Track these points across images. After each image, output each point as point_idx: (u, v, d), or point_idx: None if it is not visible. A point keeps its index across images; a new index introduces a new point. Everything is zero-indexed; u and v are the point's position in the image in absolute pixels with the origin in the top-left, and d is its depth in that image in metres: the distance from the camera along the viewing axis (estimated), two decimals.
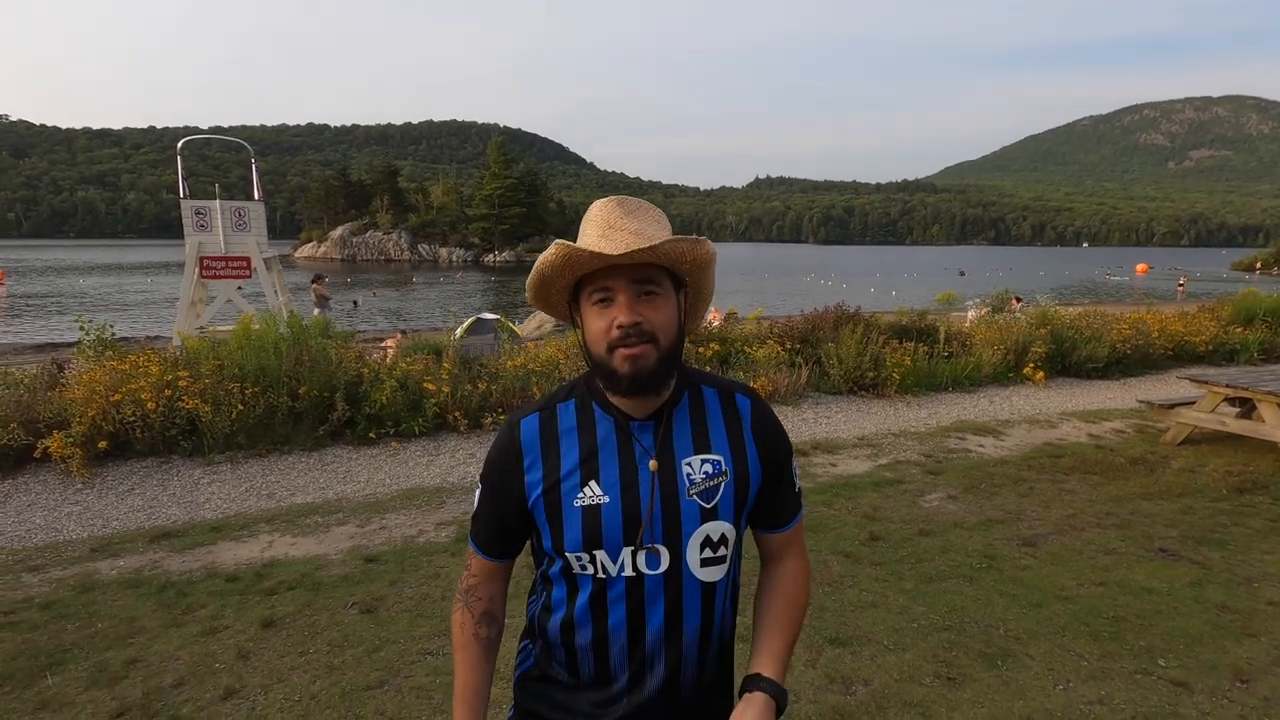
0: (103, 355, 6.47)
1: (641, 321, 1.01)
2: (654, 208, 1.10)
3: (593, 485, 1.06)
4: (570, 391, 1.14)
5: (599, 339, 1.04)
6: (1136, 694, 2.68)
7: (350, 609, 3.33)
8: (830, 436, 6.58)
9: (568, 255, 1.01)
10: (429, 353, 7.55)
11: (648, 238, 1.02)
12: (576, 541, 1.05)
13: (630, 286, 1.02)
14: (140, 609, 3.33)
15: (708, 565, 1.08)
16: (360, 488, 5.16)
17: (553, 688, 1.15)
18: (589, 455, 1.07)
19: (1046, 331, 9.53)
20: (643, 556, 1.05)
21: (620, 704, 1.09)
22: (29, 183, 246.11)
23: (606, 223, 1.05)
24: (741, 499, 1.11)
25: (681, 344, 1.09)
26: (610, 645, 1.08)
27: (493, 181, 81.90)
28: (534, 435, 1.10)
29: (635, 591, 1.06)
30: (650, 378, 1.03)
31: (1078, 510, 4.63)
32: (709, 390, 1.15)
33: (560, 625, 1.11)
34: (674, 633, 1.07)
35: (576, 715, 1.12)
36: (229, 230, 10.91)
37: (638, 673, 1.08)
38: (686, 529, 1.06)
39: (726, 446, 1.11)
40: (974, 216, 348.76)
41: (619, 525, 1.04)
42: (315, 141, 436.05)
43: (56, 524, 4.44)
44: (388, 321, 23.17)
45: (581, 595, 1.08)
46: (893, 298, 28.57)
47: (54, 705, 2.62)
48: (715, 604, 1.10)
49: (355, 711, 2.59)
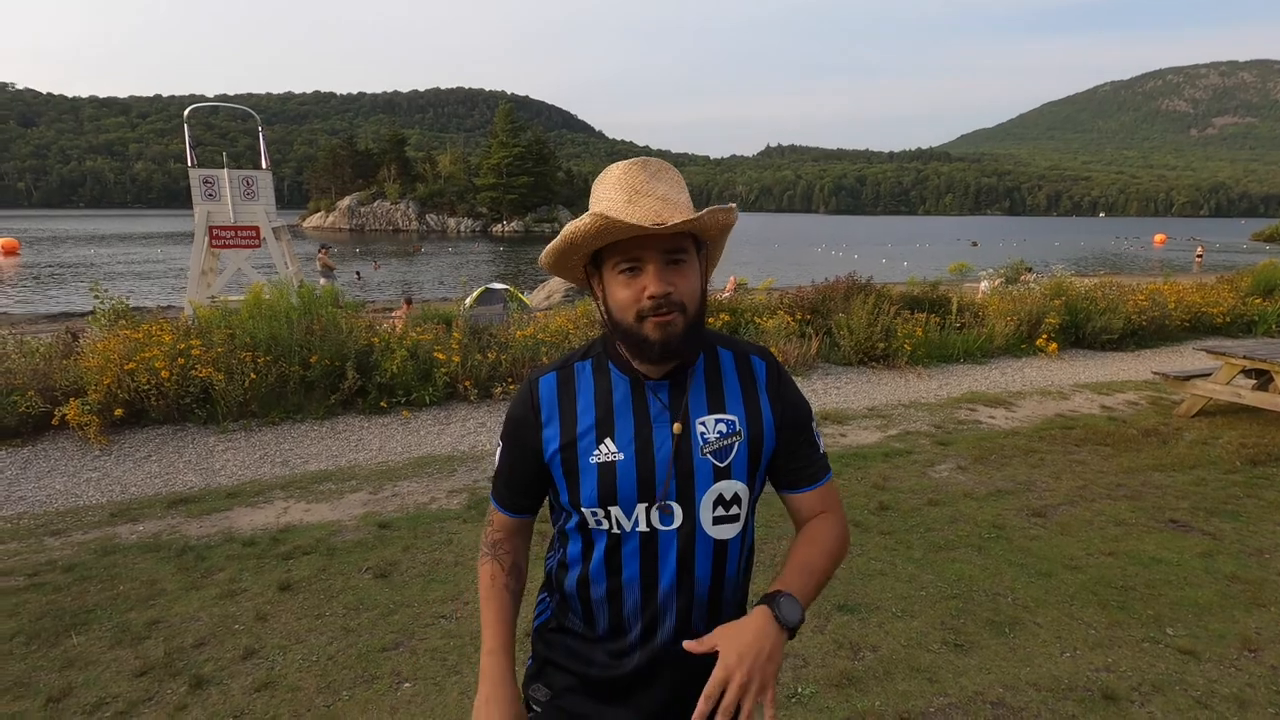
0: (116, 324, 6.52)
1: (672, 291, 1.01)
2: (672, 168, 1.09)
3: (608, 443, 1.08)
4: (588, 351, 1.16)
5: (627, 307, 1.03)
6: (1144, 662, 2.70)
7: (365, 573, 3.38)
8: (840, 407, 6.57)
9: (604, 226, 0.98)
10: (438, 322, 7.55)
11: (675, 203, 1.02)
12: (592, 497, 1.07)
13: (661, 256, 1.01)
14: (160, 572, 3.40)
15: (720, 523, 1.09)
16: (372, 456, 5.21)
17: (569, 638, 1.18)
18: (605, 413, 1.09)
19: (1061, 303, 9.42)
20: (656, 513, 1.07)
21: (634, 655, 1.12)
22: (38, 152, 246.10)
23: (633, 188, 1.03)
24: (755, 459, 1.11)
25: (705, 308, 1.09)
26: (624, 598, 1.11)
27: (500, 150, 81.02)
28: (552, 393, 1.12)
29: (649, 546, 1.08)
30: (680, 343, 1.03)
31: (1088, 481, 4.62)
32: (725, 352, 1.16)
33: (576, 579, 1.14)
34: (685, 588, 1.09)
35: (592, 665, 1.15)
36: (237, 199, 10.88)
37: (649, 625, 1.11)
38: (700, 487, 1.07)
39: (741, 407, 1.11)
40: (988, 186, 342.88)
41: (634, 482, 1.06)
42: (321, 110, 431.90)
43: (76, 489, 4.52)
44: (396, 291, 23.19)
45: (597, 550, 1.10)
46: (904, 268, 28.31)
47: (80, 663, 2.69)
48: (727, 561, 1.11)
49: (371, 672, 2.64)
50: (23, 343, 6.33)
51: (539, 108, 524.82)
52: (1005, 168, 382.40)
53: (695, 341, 1.07)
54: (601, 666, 1.14)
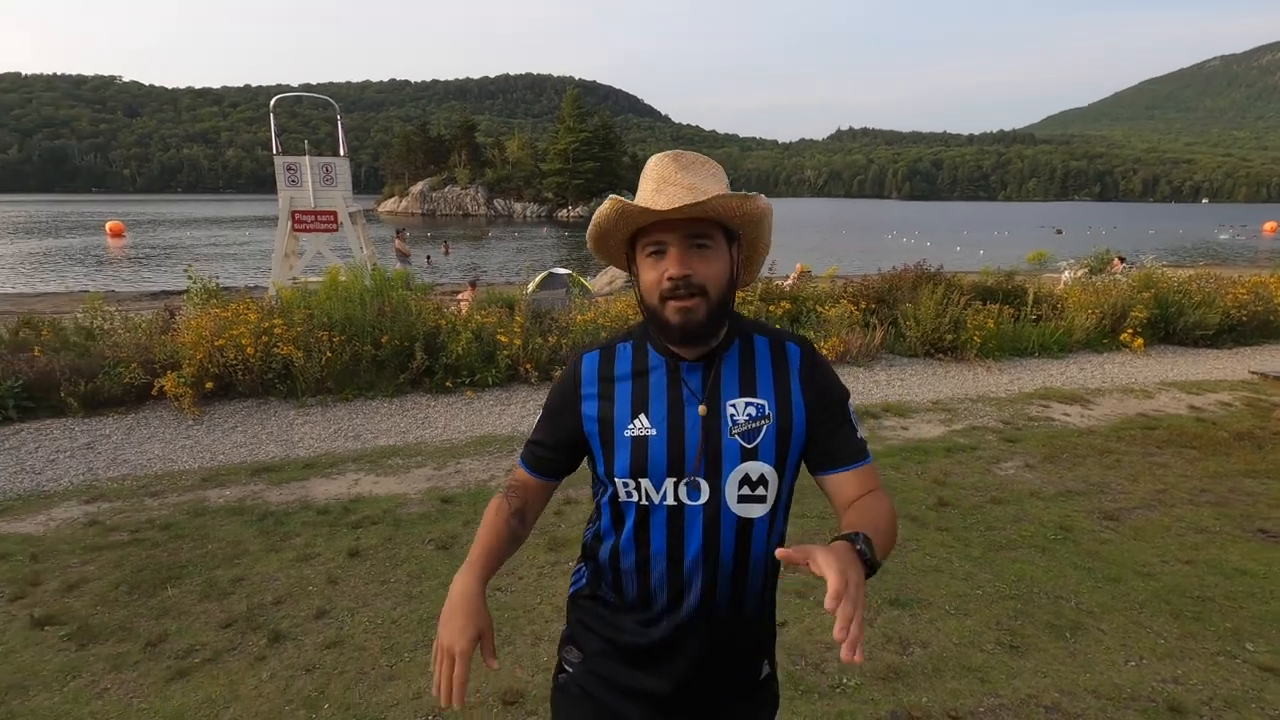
0: (208, 303, 6.98)
1: (691, 274, 1.06)
2: (711, 162, 1.12)
3: (642, 418, 1.13)
4: (629, 334, 1.23)
5: (651, 289, 1.10)
6: (1217, 676, 2.56)
7: (427, 544, 3.56)
8: (902, 399, 6.41)
9: (620, 210, 1.07)
10: (502, 306, 7.75)
11: (701, 192, 1.05)
12: (625, 468, 1.13)
13: (682, 240, 1.07)
14: (244, 534, 3.67)
15: (745, 502, 1.12)
16: (438, 433, 5.43)
17: (601, 606, 1.24)
18: (641, 391, 1.15)
19: (1150, 295, 8.85)
20: (684, 488, 1.12)
21: (660, 624, 1.17)
22: (141, 140, 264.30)
23: (662, 177, 1.09)
24: (784, 443, 1.13)
25: (732, 296, 1.13)
26: (652, 569, 1.16)
27: (567, 136, 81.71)
28: (594, 369, 1.20)
29: (676, 519, 1.13)
30: (700, 328, 1.08)
31: (1169, 485, 4.37)
32: (760, 339, 1.19)
33: (609, 550, 1.20)
34: (710, 562, 1.13)
35: (621, 632, 1.21)
36: (317, 185, 11.41)
37: (674, 596, 1.16)
38: (726, 466, 1.11)
39: (772, 392, 1.14)
40: (1077, 170, 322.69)
41: (664, 456, 1.11)
42: (397, 97, 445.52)
43: (171, 455, 4.90)
44: (464, 275, 23.85)
45: (628, 522, 1.16)
46: (980, 257, 27.09)
47: (174, 613, 2.95)
48: (752, 540, 1.14)
49: (430, 637, 2.79)
50: (127, 319, 6.88)
51: (606, 92, 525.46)
52: (1097, 150, 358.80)
53: (717, 326, 1.11)
54: (630, 633, 1.19)
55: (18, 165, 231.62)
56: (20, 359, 5.71)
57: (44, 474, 4.51)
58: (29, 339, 6.47)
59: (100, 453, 4.88)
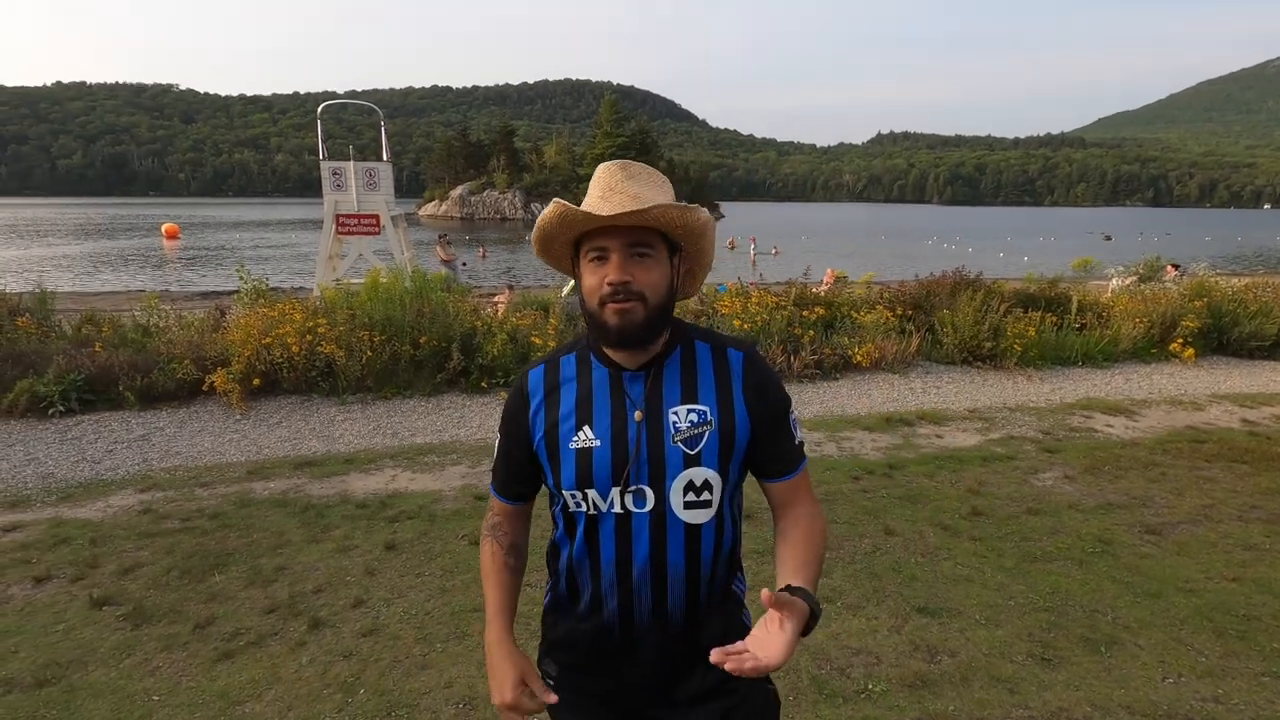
0: (256, 303, 7.25)
1: (630, 280, 1.08)
2: (658, 174, 1.15)
3: (586, 429, 1.16)
4: (573, 345, 1.25)
5: (592, 293, 1.11)
6: (1261, 697, 2.48)
7: (461, 539, 3.65)
8: (938, 407, 6.32)
9: (563, 214, 1.09)
10: (537, 309, 7.87)
11: (644, 201, 1.07)
12: (571, 480, 1.16)
13: (624, 247, 1.09)
14: (287, 525, 3.81)
15: (691, 508, 1.15)
16: (473, 432, 5.55)
17: (563, 618, 1.29)
18: (584, 402, 1.17)
19: (1202, 304, 8.54)
20: (630, 497, 1.14)
21: (615, 631, 1.21)
22: (195, 146, 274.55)
23: (608, 185, 1.11)
24: (728, 448, 1.15)
25: (671, 304, 1.15)
26: (603, 575, 1.19)
27: (604, 140, 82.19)
28: (539, 383, 1.22)
29: (623, 528, 1.16)
30: (637, 331, 1.10)
31: (1217, 501, 4.23)
32: (702, 345, 1.21)
33: (565, 558, 1.24)
34: (659, 568, 1.16)
35: (581, 640, 1.25)
36: (361, 190, 11.75)
37: (625, 602, 1.18)
38: (670, 473, 1.13)
39: (714, 398, 1.16)
40: (1129, 174, 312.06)
41: (608, 467, 1.14)
42: (438, 103, 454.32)
43: (220, 448, 5.11)
44: (501, 279, 24.20)
45: (579, 531, 1.19)
46: (1024, 263, 26.40)
47: (221, 598, 3.09)
48: (700, 545, 1.17)
49: (462, 629, 2.87)
50: (181, 317, 7.19)
51: (643, 97, 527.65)
52: (1150, 154, 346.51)
53: (654, 332, 1.13)
54: (589, 641, 1.23)
55: (81, 170, 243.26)
56: (83, 354, 6.02)
57: (103, 463, 4.75)
58: (91, 335, 6.81)
59: (155, 444, 5.11)
